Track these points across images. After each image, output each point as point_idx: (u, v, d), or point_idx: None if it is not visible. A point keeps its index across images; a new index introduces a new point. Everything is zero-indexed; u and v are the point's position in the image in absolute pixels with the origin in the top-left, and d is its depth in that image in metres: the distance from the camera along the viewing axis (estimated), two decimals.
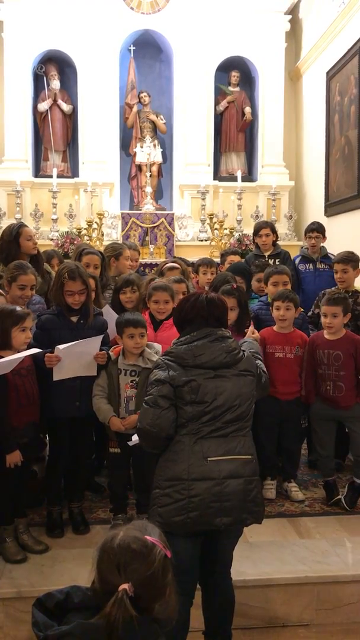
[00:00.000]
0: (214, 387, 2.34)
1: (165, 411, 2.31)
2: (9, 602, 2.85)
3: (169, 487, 2.33)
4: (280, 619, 2.99)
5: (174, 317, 2.62)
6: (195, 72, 8.63)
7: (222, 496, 2.29)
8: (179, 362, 2.36)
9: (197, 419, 2.33)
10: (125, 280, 3.91)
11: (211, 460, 2.31)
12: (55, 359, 3.16)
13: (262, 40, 8.69)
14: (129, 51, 8.84)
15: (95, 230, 7.73)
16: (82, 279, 3.32)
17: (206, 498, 2.28)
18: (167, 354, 2.43)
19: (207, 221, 8.20)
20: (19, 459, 3.05)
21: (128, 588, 1.35)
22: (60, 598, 1.48)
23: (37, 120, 8.82)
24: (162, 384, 2.34)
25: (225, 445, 2.34)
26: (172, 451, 2.36)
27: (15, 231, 4.12)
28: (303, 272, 5.48)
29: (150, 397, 2.36)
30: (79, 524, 3.45)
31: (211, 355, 2.36)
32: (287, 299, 3.83)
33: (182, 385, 2.32)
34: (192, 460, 2.31)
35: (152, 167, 8.62)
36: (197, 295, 2.51)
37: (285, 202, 8.85)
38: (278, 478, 4.02)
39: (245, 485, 2.35)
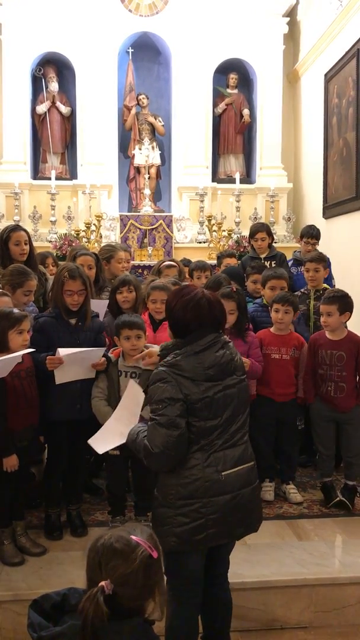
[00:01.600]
0: (223, 400, 2.26)
1: (183, 431, 2.18)
2: (7, 605, 2.84)
3: (184, 506, 2.22)
4: (279, 621, 2.98)
5: (169, 319, 2.43)
6: (193, 75, 8.64)
7: (238, 508, 2.27)
8: (189, 377, 2.22)
9: (209, 435, 2.24)
10: (121, 280, 3.91)
11: (225, 474, 2.24)
12: (58, 361, 3.16)
13: (260, 43, 8.71)
14: (127, 53, 8.85)
15: (94, 233, 7.73)
16: (82, 279, 3.32)
17: (225, 514, 2.23)
18: (172, 367, 2.24)
19: (205, 223, 8.21)
20: (15, 463, 3.04)
21: (105, 585, 1.34)
22: (57, 600, 1.48)
23: (35, 123, 8.82)
24: (175, 402, 2.18)
25: (234, 456, 2.29)
26: (184, 468, 2.24)
27: (5, 234, 4.08)
28: (295, 274, 5.48)
29: (163, 417, 2.18)
30: (77, 527, 3.44)
31: (220, 367, 2.27)
32: (287, 302, 3.83)
33: (196, 402, 2.20)
34: (207, 476, 2.22)
35: (150, 169, 8.63)
36: (199, 296, 2.33)
37: (283, 204, 8.86)
38: (276, 480, 4.01)
39: (253, 492, 2.35)
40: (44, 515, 3.48)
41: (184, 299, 2.35)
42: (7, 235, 4.07)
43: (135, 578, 1.38)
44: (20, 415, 3.08)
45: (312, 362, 3.87)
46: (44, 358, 3.18)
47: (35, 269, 4.11)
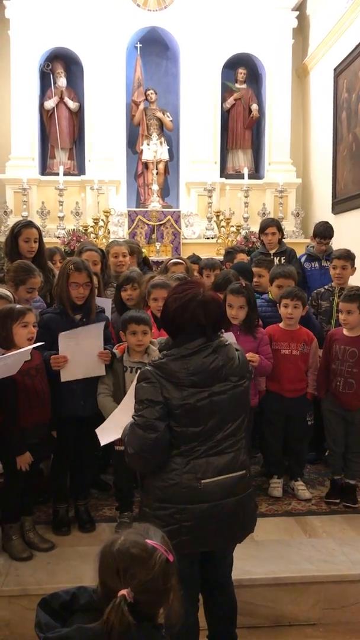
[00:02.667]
0: (208, 408, 2.14)
1: (161, 435, 2.11)
2: (15, 600, 2.85)
3: (158, 509, 2.17)
4: (287, 618, 2.98)
5: (162, 319, 2.33)
6: (202, 69, 8.60)
7: (217, 519, 2.15)
8: (172, 380, 2.13)
9: (190, 441, 2.15)
10: (125, 277, 3.90)
11: (205, 483, 2.14)
12: (63, 360, 3.16)
13: (269, 37, 8.65)
14: (135, 48, 8.82)
15: (102, 228, 7.72)
16: (87, 271, 3.33)
17: (200, 523, 2.13)
18: (158, 368, 2.17)
19: (213, 219, 8.18)
20: (29, 460, 3.05)
21: (127, 594, 1.31)
22: (66, 599, 1.46)
23: (43, 118, 8.81)
24: (155, 405, 2.11)
25: (219, 464, 2.17)
26: (163, 471, 2.17)
27: (17, 229, 4.07)
28: (309, 270, 5.45)
29: (142, 419, 2.12)
30: (85, 522, 3.44)
31: (206, 373, 2.15)
32: (296, 297, 3.81)
33: (176, 407, 2.12)
34: (185, 482, 2.13)
35: (158, 165, 8.61)
36: (191, 296, 2.21)
37: (292, 200, 8.82)
38: (284, 476, 4.00)
39: (238, 503, 2.21)
40: (52, 511, 3.49)
41: (175, 296, 2.26)
42: (18, 230, 4.05)
43: (155, 584, 1.35)
44: (31, 413, 3.08)
45: (326, 357, 3.85)
46: (48, 357, 3.19)
47: (44, 266, 4.10)
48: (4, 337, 2.99)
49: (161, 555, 1.39)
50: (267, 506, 3.74)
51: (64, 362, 3.18)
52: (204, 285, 2.34)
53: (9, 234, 4.13)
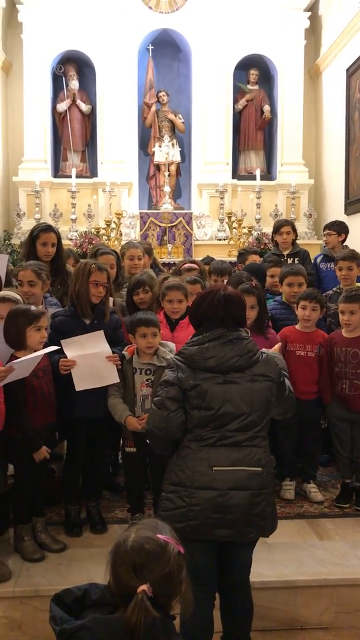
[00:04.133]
0: (221, 393, 2.25)
1: (172, 414, 2.27)
2: (27, 600, 2.86)
3: (172, 492, 2.30)
4: (299, 621, 2.96)
5: (190, 315, 2.53)
6: (213, 71, 8.60)
7: (224, 508, 2.22)
8: (189, 364, 2.30)
9: (203, 426, 2.26)
10: (136, 280, 3.90)
11: (216, 470, 2.23)
12: (70, 364, 3.17)
13: (281, 38, 8.63)
14: (147, 50, 8.85)
15: (114, 230, 7.74)
16: (107, 273, 3.41)
17: (207, 508, 2.22)
18: (178, 354, 2.37)
19: (225, 220, 8.17)
20: (45, 454, 3.07)
21: (147, 589, 1.33)
22: (78, 594, 1.48)
23: (56, 121, 8.86)
24: (170, 386, 2.30)
25: (233, 455, 2.25)
26: (178, 456, 2.32)
27: (35, 232, 4.10)
28: (324, 271, 5.42)
29: (158, 398, 2.33)
30: (96, 523, 3.45)
31: (221, 359, 2.27)
32: (315, 299, 3.79)
33: (189, 389, 2.27)
34: (197, 467, 2.25)
35: (170, 167, 8.62)
36: (215, 292, 2.40)
37: (304, 201, 8.79)
38: (297, 479, 3.98)
39: (250, 499, 2.24)
40: (64, 512, 3.50)
41: (203, 294, 2.47)
42: (36, 233, 4.07)
43: (172, 577, 1.39)
44: (37, 413, 3.09)
45: (328, 360, 3.83)
46: (56, 360, 3.20)
47: (62, 270, 4.12)
48: (16, 339, 3.00)
49: (174, 548, 1.42)
50: (280, 509, 3.70)
51: (72, 365, 3.19)
52: (227, 287, 2.52)
53: (27, 236, 4.17)
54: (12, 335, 3.00)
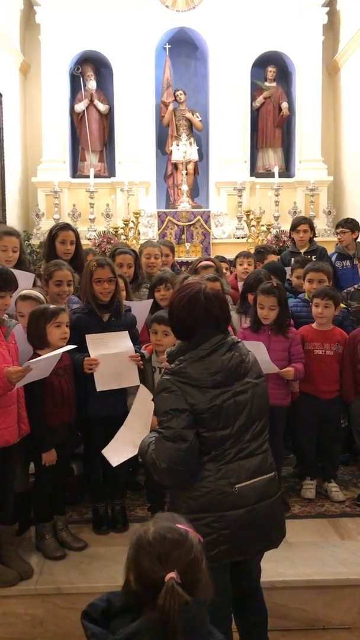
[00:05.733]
0: (234, 408, 2.09)
1: (192, 444, 2.03)
2: (49, 598, 2.87)
3: (195, 520, 2.04)
4: (321, 621, 2.93)
5: (171, 324, 2.25)
6: (231, 69, 8.58)
7: (254, 523, 2.10)
8: (193, 384, 2.06)
9: (221, 445, 2.09)
10: (159, 277, 3.91)
11: (239, 487, 2.08)
12: (95, 363, 3.19)
13: (299, 34, 8.58)
14: (164, 49, 8.85)
15: (132, 230, 7.76)
16: (110, 267, 3.35)
17: (238, 530, 2.07)
18: (177, 374, 2.10)
19: (243, 218, 8.14)
20: (54, 458, 3.08)
21: (175, 576, 1.34)
22: (104, 606, 1.48)
23: (74, 121, 8.91)
24: (181, 413, 2.03)
25: (250, 467, 2.12)
26: (194, 480, 2.09)
27: (54, 231, 4.15)
28: (340, 269, 5.38)
29: (170, 431, 2.03)
30: (118, 522, 3.45)
31: (228, 372, 2.10)
32: (327, 296, 3.75)
33: (202, 412, 2.05)
34: (219, 489, 2.07)
35: (188, 165, 8.61)
36: (196, 290, 2.14)
37: (323, 198, 8.73)
38: (318, 478, 3.95)
39: (272, 506, 2.17)
40: (92, 510, 3.51)
41: (179, 295, 2.20)
42: (55, 232, 4.13)
43: (196, 564, 1.40)
44: (57, 412, 3.11)
45: (351, 358, 3.79)
46: (80, 360, 3.21)
47: (81, 268, 4.13)
48: (37, 337, 3.03)
49: (194, 536, 1.42)
50: (300, 508, 3.69)
51: (96, 365, 3.20)
52: (204, 283, 2.27)
53: (46, 236, 4.22)
54: (33, 334, 3.03)
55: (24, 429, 2.96)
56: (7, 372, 2.63)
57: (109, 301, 3.37)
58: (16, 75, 8.68)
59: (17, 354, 2.97)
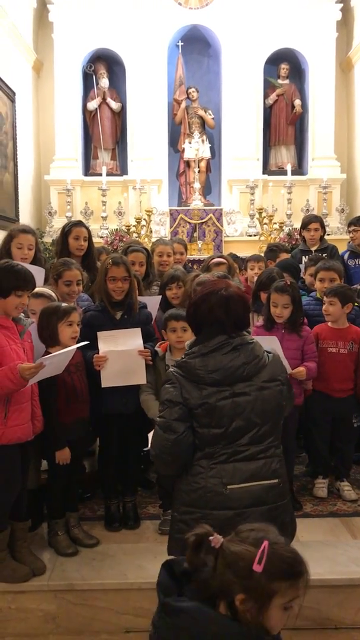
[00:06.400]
0: (231, 408, 2.07)
1: (181, 436, 2.07)
2: (61, 594, 2.89)
3: (184, 513, 2.13)
4: (333, 620, 2.92)
5: (188, 318, 2.29)
6: (243, 66, 8.55)
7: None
8: (192, 379, 2.10)
9: (214, 443, 2.09)
10: (170, 276, 3.91)
11: (231, 488, 2.07)
12: (104, 360, 3.19)
13: (312, 31, 8.53)
14: (177, 47, 8.84)
15: (144, 227, 7.76)
16: (125, 266, 3.35)
17: (226, 530, 2.03)
18: (179, 367, 2.15)
19: (256, 216, 8.11)
20: (68, 456, 3.09)
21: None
22: (188, 568, 1.49)
23: (86, 119, 8.93)
24: (174, 405, 2.09)
25: (247, 470, 2.09)
26: (189, 475, 2.13)
27: (67, 228, 4.21)
28: (352, 267, 5.35)
29: (162, 420, 2.11)
30: (129, 519, 3.46)
31: (227, 371, 2.08)
32: (331, 293, 3.74)
33: (195, 407, 2.08)
34: (210, 487, 2.08)
35: (200, 163, 8.60)
36: (215, 292, 2.17)
37: (336, 196, 8.68)
38: (330, 477, 3.94)
39: (269, 513, 2.07)
40: (104, 507, 3.52)
41: (199, 290, 2.25)
42: (68, 228, 4.20)
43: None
44: (70, 409, 3.12)
45: None
46: (90, 357, 3.22)
47: (93, 266, 4.17)
48: (48, 335, 3.04)
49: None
50: (312, 507, 3.68)
51: (104, 361, 3.21)
52: (230, 283, 2.29)
53: (59, 233, 4.28)
54: (45, 332, 3.04)
55: (38, 427, 2.97)
56: (21, 368, 2.64)
57: (123, 299, 3.38)
58: (29, 74, 8.72)
59: (33, 352, 2.98)
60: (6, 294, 2.78)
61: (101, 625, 2.86)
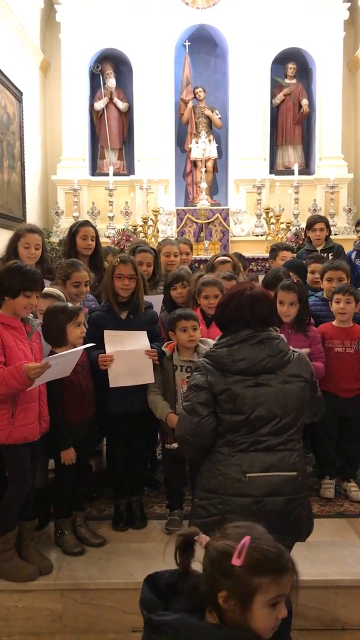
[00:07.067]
0: (253, 397, 2.17)
1: (204, 419, 2.20)
2: (68, 593, 2.90)
3: (204, 499, 2.23)
4: (340, 621, 2.91)
5: (215, 316, 2.43)
6: (251, 66, 8.54)
7: (259, 515, 2.10)
8: (218, 367, 2.22)
9: (235, 431, 2.19)
10: (174, 276, 3.90)
11: (250, 476, 2.15)
12: (109, 359, 3.20)
13: (319, 30, 8.51)
14: (184, 47, 8.84)
15: (151, 227, 7.77)
16: (133, 264, 3.36)
17: (245, 516, 2.08)
18: (207, 357, 2.29)
19: (263, 216, 8.10)
20: (73, 456, 3.09)
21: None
22: (170, 580, 1.47)
23: (93, 119, 8.94)
24: (200, 390, 2.22)
25: (267, 460, 2.17)
26: (210, 461, 2.24)
27: (75, 228, 4.23)
28: (359, 267, 5.34)
29: (187, 403, 2.25)
30: (136, 518, 3.47)
31: (252, 361, 2.19)
32: (347, 292, 3.73)
33: (219, 393, 2.19)
34: (230, 474, 2.17)
35: (207, 163, 8.60)
36: (241, 292, 2.31)
37: (344, 195, 8.65)
38: (337, 477, 3.92)
39: (286, 505, 2.17)
40: (114, 506, 3.52)
41: (229, 295, 2.37)
42: (76, 228, 4.22)
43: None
44: (76, 408, 3.13)
45: None
46: (95, 356, 3.22)
47: (100, 266, 4.18)
48: (57, 336, 3.04)
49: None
50: (319, 507, 3.67)
51: (110, 361, 3.21)
52: (254, 284, 2.43)
53: (67, 234, 4.31)
54: (52, 332, 3.04)
55: (44, 426, 2.98)
56: (27, 368, 2.65)
57: (129, 299, 3.38)
58: (36, 74, 8.74)
59: (41, 353, 2.98)
60: (15, 295, 2.79)
61: (107, 625, 2.87)
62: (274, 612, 1.34)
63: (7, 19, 7.21)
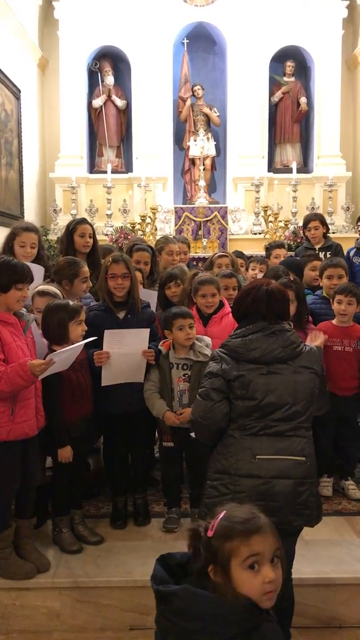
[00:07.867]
0: (265, 384, 2.29)
1: (217, 404, 2.32)
2: (65, 591, 2.89)
3: (216, 479, 2.34)
4: (338, 619, 2.92)
5: (233, 309, 2.57)
6: (249, 64, 8.54)
7: (268, 495, 2.23)
8: (233, 356, 2.34)
9: (247, 415, 2.30)
10: (168, 275, 3.89)
11: (260, 458, 2.27)
12: (105, 356, 3.19)
13: (318, 28, 8.51)
14: (182, 44, 8.84)
15: (149, 225, 7.76)
16: (125, 263, 3.34)
17: (252, 496, 2.20)
18: (222, 347, 2.41)
19: (261, 214, 8.10)
20: (70, 455, 3.08)
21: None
22: (182, 560, 1.54)
23: (91, 117, 8.92)
24: (214, 377, 2.35)
25: (277, 444, 2.28)
26: (222, 444, 2.36)
27: (72, 225, 4.21)
28: (358, 265, 5.33)
29: (203, 389, 2.38)
30: (139, 515, 3.46)
31: (265, 350, 2.32)
32: (350, 293, 3.72)
33: (233, 379, 2.31)
34: (241, 455, 2.29)
35: (205, 161, 8.59)
36: (258, 287, 2.43)
37: (342, 194, 8.66)
38: (335, 476, 3.93)
39: (294, 487, 2.27)
40: (112, 504, 3.51)
41: (246, 290, 2.49)
42: (73, 226, 4.21)
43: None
44: (75, 406, 3.12)
45: None
46: (92, 354, 3.22)
47: (97, 264, 4.16)
48: (59, 334, 3.02)
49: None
50: None
51: (106, 358, 3.20)
52: (270, 280, 2.57)
53: (64, 232, 4.29)
54: (54, 329, 3.03)
55: (41, 421, 2.97)
56: (31, 365, 2.65)
57: (125, 298, 3.37)
58: (34, 71, 8.72)
59: (35, 348, 2.98)
60: (6, 289, 2.81)
61: (105, 623, 2.86)
62: (258, 575, 1.39)
63: (5, 17, 7.20)
